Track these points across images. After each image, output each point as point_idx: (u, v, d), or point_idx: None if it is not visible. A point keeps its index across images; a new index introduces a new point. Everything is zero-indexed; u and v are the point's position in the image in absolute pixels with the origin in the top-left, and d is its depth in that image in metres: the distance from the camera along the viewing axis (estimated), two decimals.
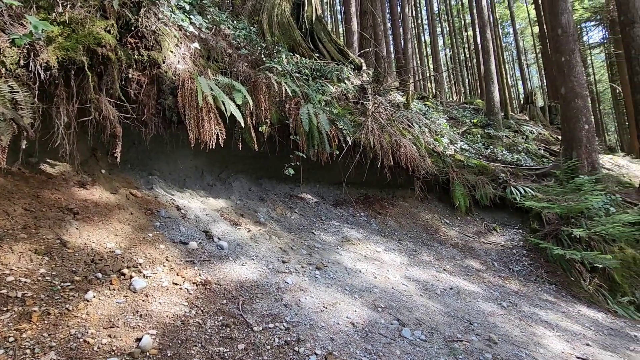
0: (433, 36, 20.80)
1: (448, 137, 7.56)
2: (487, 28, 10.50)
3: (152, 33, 3.31)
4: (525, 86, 23.66)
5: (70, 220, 2.48)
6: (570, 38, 6.27)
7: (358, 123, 5.29)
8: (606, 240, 4.94)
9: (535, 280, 4.60)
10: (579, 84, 6.17)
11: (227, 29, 5.09)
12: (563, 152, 6.42)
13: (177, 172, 4.22)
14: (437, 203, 6.27)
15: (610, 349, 2.99)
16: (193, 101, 3.46)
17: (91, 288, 2.05)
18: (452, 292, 3.58)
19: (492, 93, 10.41)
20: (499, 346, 2.60)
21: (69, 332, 1.72)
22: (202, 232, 3.31)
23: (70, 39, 2.55)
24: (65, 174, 2.92)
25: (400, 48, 12.93)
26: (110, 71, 2.85)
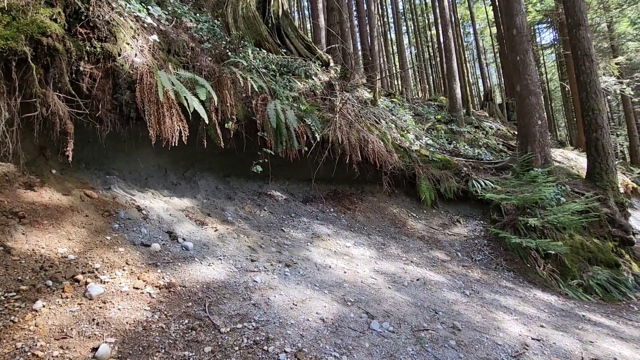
0: (399, 34, 21.27)
1: (414, 133, 7.78)
2: (449, 27, 10.88)
3: (105, 23, 3.11)
4: (485, 84, 24.86)
5: (15, 225, 2.28)
6: (525, 38, 6.64)
7: (326, 119, 5.30)
8: (558, 228, 5.31)
9: (495, 268, 4.86)
10: (533, 82, 6.55)
11: (189, 22, 4.89)
12: (519, 146, 6.81)
13: (138, 171, 4.02)
14: (404, 197, 6.44)
15: (562, 329, 3.22)
16: (153, 96, 3.29)
17: (40, 297, 1.90)
18: (419, 283, 3.69)
19: (455, 90, 10.82)
20: (462, 333, 2.72)
21: (14, 346, 1.58)
22: (166, 233, 3.18)
23: (10, 27, 2.33)
24: (9, 175, 2.68)
25: (367, 45, 13.10)
26: (58, 63, 2.65)
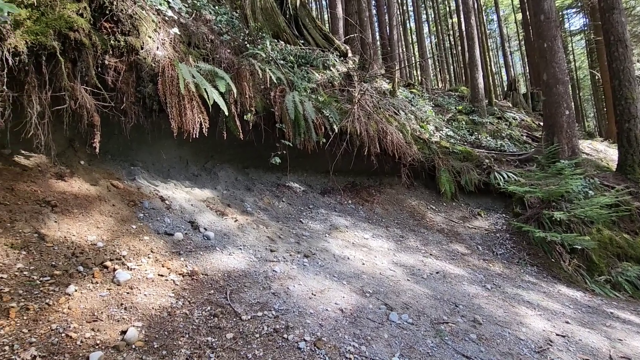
0: (418, 23, 20.73)
1: (434, 124, 7.61)
2: (471, 15, 10.51)
3: (128, 17, 3.16)
4: (509, 73, 23.96)
5: (48, 213, 2.40)
6: (553, 24, 6.34)
7: (344, 111, 5.26)
8: (585, 223, 5.11)
9: (517, 262, 4.74)
10: (561, 70, 6.26)
11: (208, 14, 4.92)
12: (545, 137, 6.56)
13: (161, 162, 4.12)
14: (424, 189, 6.34)
15: (588, 325, 3.12)
16: (174, 89, 3.35)
17: (72, 282, 2.00)
18: (438, 276, 3.65)
19: (477, 80, 10.49)
20: (484, 326, 2.68)
21: (50, 327, 1.67)
22: (188, 222, 3.26)
23: (39, 22, 2.41)
24: (42, 166, 2.80)
25: (386, 35, 12.85)
26: (85, 57, 2.72)
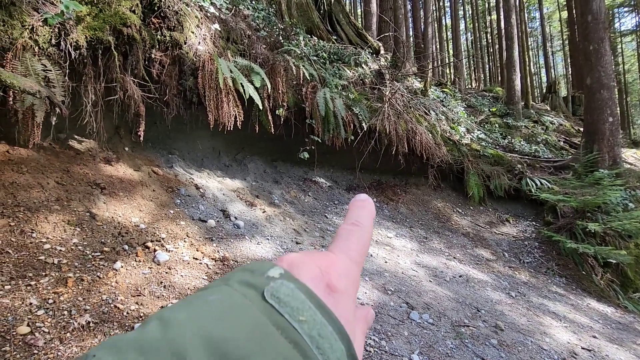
0: (455, 19, 20.12)
1: (465, 126, 7.45)
2: (512, 12, 10.10)
3: (174, 13, 3.34)
4: (549, 74, 22.82)
5: (98, 194, 2.62)
6: (601, 25, 6.01)
7: (374, 109, 5.27)
8: (622, 236, 4.88)
9: (545, 272, 4.61)
10: (606, 74, 5.94)
11: (246, 10, 5.07)
12: (584, 144, 6.27)
13: (196, 152, 4.33)
14: (450, 192, 6.25)
15: (617, 342, 3.02)
16: (213, 83, 3.51)
17: (119, 259, 2.19)
18: (461, 279, 3.64)
19: (514, 81, 10.11)
20: (505, 333, 2.67)
21: (101, 298, 1.86)
22: (220, 211, 3.43)
23: (97, 18, 2.61)
24: (92, 150, 3.05)
25: (420, 32, 12.60)
26: (135, 51, 2.92)
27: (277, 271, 0.22)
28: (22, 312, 1.63)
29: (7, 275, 1.77)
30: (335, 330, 0.20)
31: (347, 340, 0.20)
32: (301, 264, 0.24)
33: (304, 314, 0.20)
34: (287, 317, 0.19)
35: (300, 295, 0.21)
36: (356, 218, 0.29)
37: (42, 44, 2.33)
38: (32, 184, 2.33)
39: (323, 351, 0.19)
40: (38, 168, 2.47)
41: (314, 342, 0.19)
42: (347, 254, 0.26)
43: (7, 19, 2.21)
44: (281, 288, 0.21)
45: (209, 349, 0.17)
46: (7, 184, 2.24)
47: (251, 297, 0.20)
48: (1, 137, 2.49)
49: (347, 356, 0.20)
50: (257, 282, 0.21)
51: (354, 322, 0.24)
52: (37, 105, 2.17)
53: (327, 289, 0.23)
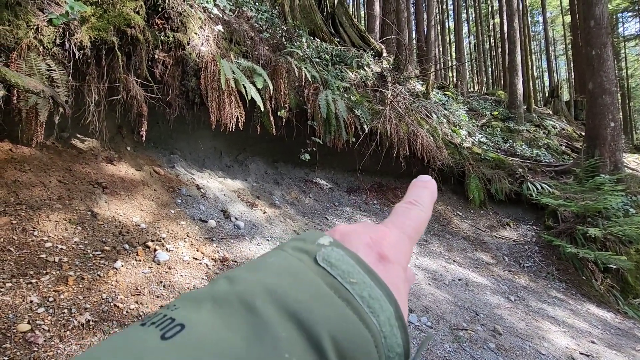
0: (458, 23, 20.13)
1: (466, 129, 7.45)
2: (515, 17, 10.11)
3: (178, 14, 3.37)
4: (552, 78, 22.79)
5: (100, 193, 2.63)
6: (603, 31, 6.01)
7: (376, 111, 5.28)
8: (622, 242, 4.87)
9: (545, 276, 4.61)
10: (609, 79, 5.94)
11: (249, 11, 5.09)
12: (585, 149, 6.26)
13: (197, 152, 4.35)
14: (451, 195, 6.25)
15: (616, 347, 3.02)
16: (215, 84, 3.53)
17: (119, 258, 2.20)
18: (461, 283, 3.64)
19: (516, 85, 10.11)
20: (504, 337, 2.67)
21: (101, 296, 1.87)
22: (220, 211, 3.44)
23: (102, 19, 2.64)
24: (94, 150, 3.07)
25: (423, 34, 12.62)
26: (138, 52, 2.94)
27: (327, 239, 0.23)
28: (22, 310, 1.64)
29: (8, 272, 1.79)
30: (385, 294, 0.21)
31: (395, 303, 0.21)
32: (353, 233, 0.25)
33: (355, 276, 0.21)
34: (339, 279, 0.21)
35: (349, 261, 0.22)
36: (415, 197, 0.29)
37: (47, 44, 2.35)
38: (34, 183, 2.35)
39: (374, 310, 0.20)
40: (40, 166, 2.49)
41: (365, 302, 0.20)
42: (401, 228, 0.27)
43: (12, 18, 2.23)
44: (332, 253, 0.22)
45: (272, 299, 0.18)
46: (9, 182, 2.26)
47: (305, 261, 0.21)
48: (5, 136, 2.51)
49: (395, 318, 0.21)
50: (309, 249, 0.22)
51: (403, 290, 0.25)
52: (40, 104, 2.19)
53: (377, 257, 0.24)
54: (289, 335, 0.17)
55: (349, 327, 0.19)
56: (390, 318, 0.21)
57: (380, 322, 0.20)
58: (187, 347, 0.16)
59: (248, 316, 0.18)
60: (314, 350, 0.17)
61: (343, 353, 0.18)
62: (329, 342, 0.18)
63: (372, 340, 0.19)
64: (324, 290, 0.20)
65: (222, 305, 0.18)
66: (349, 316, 0.19)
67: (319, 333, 0.18)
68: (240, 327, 0.17)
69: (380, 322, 0.20)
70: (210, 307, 0.18)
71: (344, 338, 0.18)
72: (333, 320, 0.19)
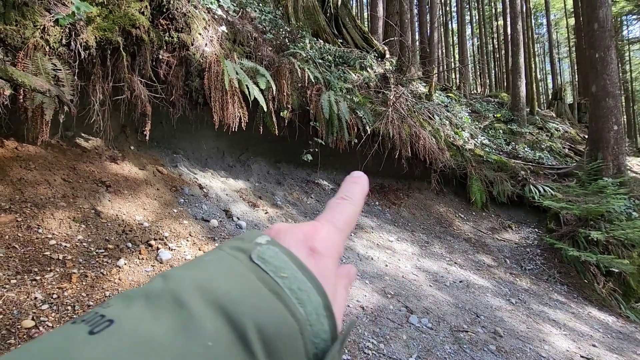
0: (461, 24, 20.12)
1: (469, 131, 7.45)
2: (518, 19, 10.10)
3: (182, 15, 3.39)
4: (555, 81, 22.72)
5: (104, 192, 2.66)
6: (607, 34, 6.00)
7: (378, 112, 5.29)
8: (625, 245, 4.85)
9: (547, 279, 4.60)
10: (612, 82, 5.93)
11: (253, 12, 5.12)
12: (588, 152, 6.24)
13: (200, 152, 4.37)
14: (453, 197, 6.25)
15: (617, 351, 3.01)
16: (219, 84, 3.55)
17: (122, 256, 2.22)
18: (462, 284, 3.64)
19: (519, 87, 10.09)
20: (504, 339, 2.67)
21: (104, 294, 1.89)
22: (223, 211, 3.46)
23: (107, 19, 2.66)
24: (98, 149, 3.09)
25: (426, 36, 12.62)
26: (143, 52, 2.97)
27: (265, 238, 0.25)
28: (27, 306, 1.66)
29: (13, 269, 1.81)
30: (314, 286, 0.23)
31: (323, 295, 0.23)
32: (288, 230, 0.27)
33: (286, 271, 0.23)
34: (271, 274, 0.22)
35: (283, 257, 0.24)
36: (346, 192, 0.31)
37: (53, 43, 2.37)
38: (39, 181, 2.37)
39: (301, 301, 0.22)
40: (45, 165, 2.51)
41: (294, 294, 0.22)
42: (332, 222, 0.29)
43: (19, 18, 2.26)
44: (267, 251, 0.24)
45: (203, 294, 0.20)
46: (15, 180, 2.28)
47: (240, 259, 0.23)
48: (10, 134, 2.54)
49: (323, 308, 0.23)
50: (246, 247, 0.24)
51: (336, 280, 0.27)
52: (46, 103, 2.22)
53: (308, 251, 0.26)
54: (214, 325, 0.19)
55: (276, 317, 0.20)
56: (317, 308, 0.22)
57: (307, 312, 0.22)
58: (113, 339, 0.17)
59: (176, 310, 0.19)
60: (238, 339, 0.19)
61: (268, 340, 0.19)
62: (254, 330, 0.19)
63: (297, 328, 0.21)
64: (255, 284, 0.21)
65: (153, 301, 0.19)
66: (277, 307, 0.21)
67: (244, 323, 0.19)
68: (168, 319, 0.18)
69: (307, 311, 0.22)
70: (142, 303, 0.19)
71: (271, 327, 0.20)
72: (260, 311, 0.20)
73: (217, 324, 0.19)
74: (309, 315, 0.22)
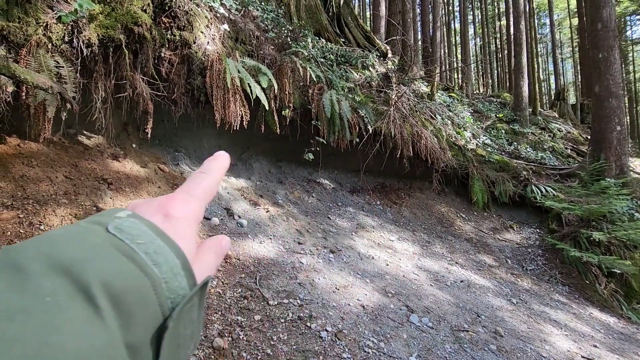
0: (464, 24, 20.07)
1: (471, 131, 7.43)
2: (521, 19, 10.06)
3: (184, 13, 3.39)
4: (558, 81, 22.65)
5: (105, 189, 2.66)
6: (611, 33, 5.97)
7: (380, 112, 5.28)
8: (627, 246, 4.83)
9: (548, 280, 4.59)
10: (615, 82, 5.90)
11: (255, 11, 5.12)
12: (590, 153, 6.22)
13: (202, 150, 4.38)
14: (454, 197, 6.24)
15: (618, 352, 3.00)
16: (221, 82, 3.56)
17: None
18: (463, 284, 3.63)
19: (521, 87, 10.06)
20: (505, 339, 2.66)
21: None
22: (224, 209, 3.46)
23: (110, 17, 2.67)
24: (100, 146, 3.10)
25: (429, 36, 12.59)
26: (145, 50, 2.97)
27: (125, 213, 0.26)
28: None
29: None
30: (172, 249, 0.25)
31: (181, 256, 0.25)
32: (144, 204, 0.28)
33: (143, 238, 0.24)
34: (127, 242, 0.23)
35: (141, 227, 0.25)
36: (205, 167, 0.33)
37: (56, 41, 2.38)
38: (41, 178, 2.38)
39: (157, 263, 0.23)
40: (47, 162, 2.52)
41: (149, 257, 0.23)
42: (188, 192, 0.30)
43: (22, 16, 2.26)
44: (125, 223, 0.24)
45: (46, 260, 0.20)
46: (17, 177, 2.29)
47: (95, 230, 0.24)
48: (13, 131, 2.55)
49: (181, 268, 0.24)
50: (103, 221, 0.24)
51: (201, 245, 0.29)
52: (48, 100, 2.22)
53: (163, 217, 0.27)
54: (54, 284, 0.19)
55: (126, 276, 0.21)
56: (173, 267, 0.24)
57: (162, 271, 0.23)
58: None
59: (14, 273, 0.19)
60: (80, 293, 0.19)
61: (115, 294, 0.20)
62: (99, 287, 0.20)
63: (150, 285, 0.22)
64: (108, 250, 0.22)
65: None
66: (129, 268, 0.22)
67: (88, 281, 0.20)
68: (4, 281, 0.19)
69: (162, 270, 0.23)
70: None
71: (119, 284, 0.21)
72: (109, 271, 0.21)
73: (58, 283, 0.19)
74: (164, 274, 0.23)
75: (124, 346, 0.20)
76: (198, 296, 0.25)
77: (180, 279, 0.24)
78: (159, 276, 0.23)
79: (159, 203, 0.28)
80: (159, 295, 0.23)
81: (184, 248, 0.26)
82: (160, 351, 0.22)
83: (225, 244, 0.32)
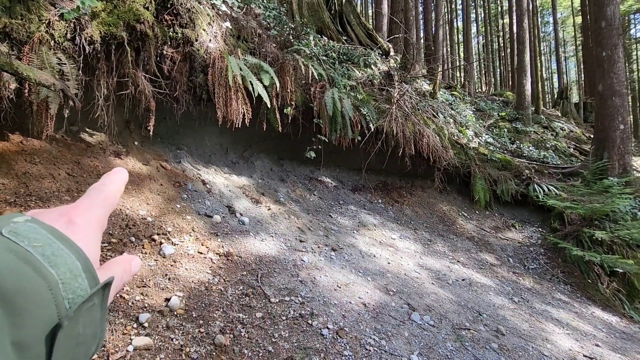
0: (466, 22, 19.96)
1: (473, 130, 7.41)
2: (524, 17, 10.00)
3: (186, 11, 3.39)
4: (561, 80, 22.52)
5: None
6: (615, 32, 5.93)
7: (382, 110, 5.27)
8: (629, 245, 4.82)
9: (550, 279, 4.57)
10: (619, 81, 5.87)
11: (257, 9, 5.11)
12: (593, 151, 6.19)
13: (204, 148, 4.38)
14: (456, 195, 6.23)
15: (620, 351, 2.99)
16: (223, 80, 3.55)
17: (126, 250, 2.24)
18: (464, 283, 3.63)
19: (524, 86, 10.01)
20: (506, 338, 2.66)
21: None
22: (226, 207, 3.47)
23: (112, 14, 2.67)
24: (103, 144, 3.11)
25: (431, 34, 12.55)
26: (147, 47, 2.97)
27: (23, 218, 0.26)
28: None
29: None
30: (73, 252, 0.25)
31: (84, 259, 0.26)
32: (46, 212, 0.29)
33: (40, 241, 0.24)
34: (23, 245, 0.24)
35: (40, 230, 0.25)
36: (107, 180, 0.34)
37: (58, 38, 2.38)
38: (44, 175, 2.39)
39: (55, 264, 0.24)
40: (50, 159, 2.53)
41: (46, 259, 0.24)
42: (90, 200, 0.31)
43: (25, 13, 2.26)
44: (22, 227, 0.25)
45: None
46: (20, 174, 2.30)
47: None
48: (16, 128, 2.55)
49: (83, 270, 0.25)
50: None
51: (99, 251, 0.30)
52: (51, 97, 2.23)
53: (66, 223, 0.28)
54: None
55: (18, 277, 0.22)
56: (73, 269, 0.24)
57: (59, 272, 0.24)
58: None
59: None
60: None
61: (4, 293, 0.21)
62: None
63: (45, 285, 0.23)
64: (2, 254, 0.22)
65: None
66: (22, 270, 0.22)
67: None
68: None
69: (60, 272, 0.24)
70: None
71: (10, 284, 0.21)
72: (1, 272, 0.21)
73: None
74: (62, 275, 0.24)
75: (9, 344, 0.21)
76: (100, 296, 0.26)
77: (80, 280, 0.25)
78: (55, 277, 0.23)
79: (61, 211, 0.29)
80: (56, 295, 0.23)
81: (87, 252, 0.26)
82: (52, 349, 0.23)
83: (135, 265, 0.33)
